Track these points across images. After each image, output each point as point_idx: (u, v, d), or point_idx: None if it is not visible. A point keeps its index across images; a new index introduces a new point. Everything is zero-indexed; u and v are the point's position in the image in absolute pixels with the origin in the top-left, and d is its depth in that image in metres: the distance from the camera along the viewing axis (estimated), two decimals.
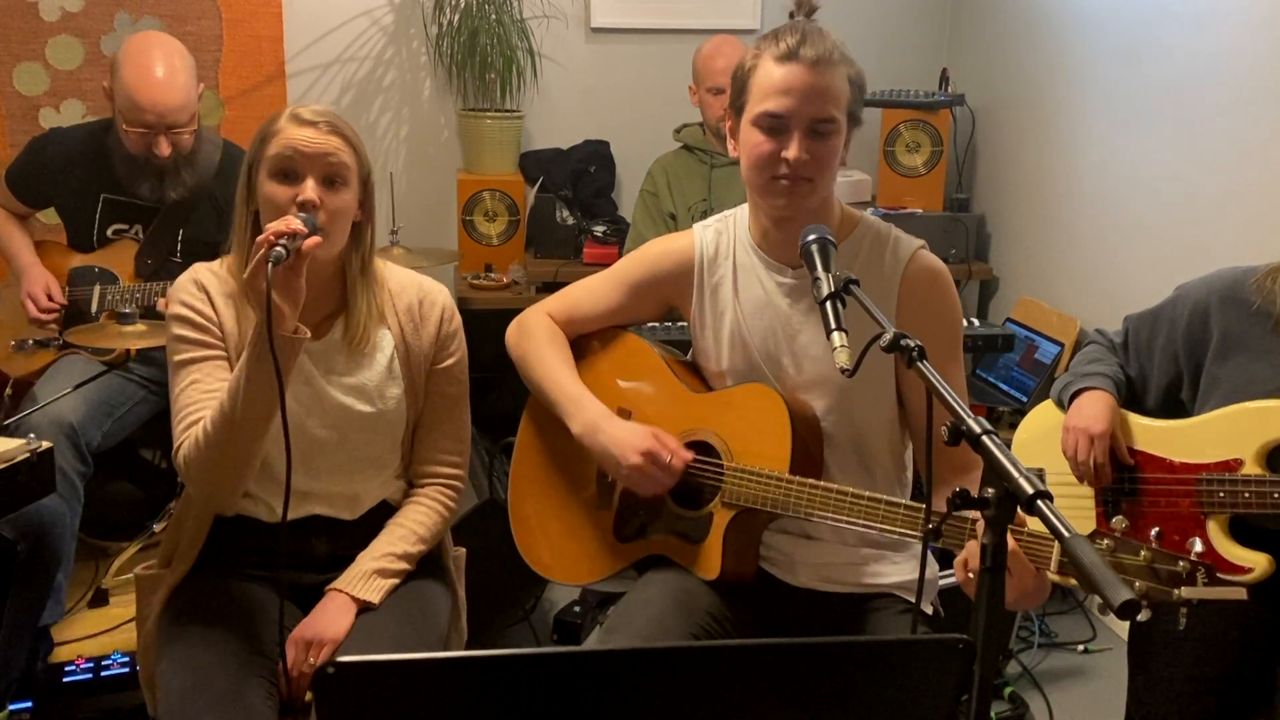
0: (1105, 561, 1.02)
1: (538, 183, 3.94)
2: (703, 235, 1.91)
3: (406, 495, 1.95)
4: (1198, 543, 1.42)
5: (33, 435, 1.99)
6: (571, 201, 3.91)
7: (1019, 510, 1.15)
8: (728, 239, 1.89)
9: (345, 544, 1.88)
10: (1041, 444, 2.22)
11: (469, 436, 1.99)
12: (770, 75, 1.72)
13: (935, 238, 3.61)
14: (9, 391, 2.85)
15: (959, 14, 4.24)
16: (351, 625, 1.76)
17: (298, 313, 1.64)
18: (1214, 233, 2.93)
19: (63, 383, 2.58)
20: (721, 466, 1.81)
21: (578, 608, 3.01)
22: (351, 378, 1.84)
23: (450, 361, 1.93)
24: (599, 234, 3.81)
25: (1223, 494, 1.99)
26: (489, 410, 3.60)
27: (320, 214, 1.70)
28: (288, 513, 1.68)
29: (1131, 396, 2.20)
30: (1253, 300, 2.01)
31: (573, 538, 1.97)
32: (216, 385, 1.74)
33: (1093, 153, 3.43)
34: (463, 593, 2.04)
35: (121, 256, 2.80)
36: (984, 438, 1.17)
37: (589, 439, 1.85)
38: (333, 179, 1.74)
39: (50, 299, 2.76)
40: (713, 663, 1.11)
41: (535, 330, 1.99)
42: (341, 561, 1.85)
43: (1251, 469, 1.98)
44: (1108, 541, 1.45)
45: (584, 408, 1.87)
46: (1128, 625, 2.37)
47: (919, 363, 1.34)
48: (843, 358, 1.43)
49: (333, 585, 1.81)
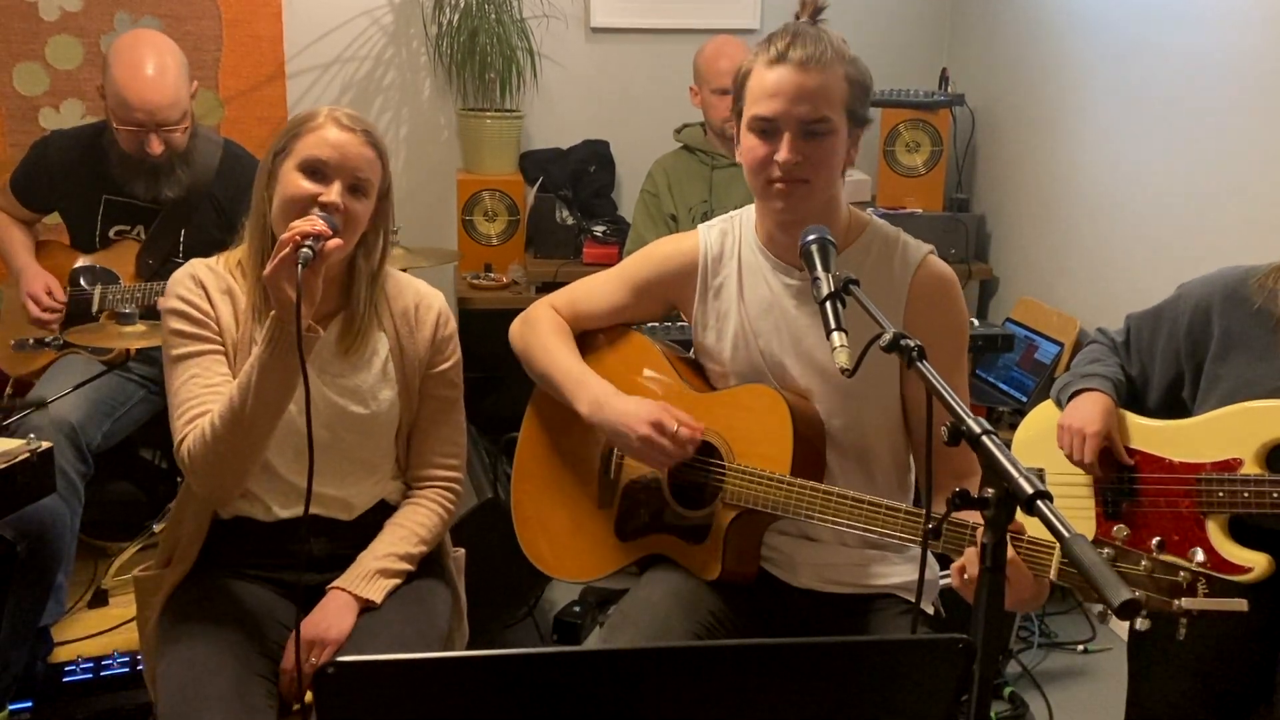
0: (1105, 562, 1.02)
1: (537, 183, 3.94)
2: (707, 236, 1.90)
3: (405, 496, 1.96)
4: (1199, 552, 1.41)
5: (33, 435, 1.99)
6: (571, 201, 3.91)
7: (1017, 516, 1.15)
8: (733, 239, 1.89)
9: (344, 544, 1.88)
10: (1041, 444, 2.22)
11: (465, 440, 2.00)
12: (762, 80, 1.71)
13: (935, 238, 3.58)
14: (9, 391, 2.85)
15: (959, 14, 4.24)
16: (354, 625, 1.77)
17: (313, 311, 1.66)
18: (1214, 232, 2.93)
19: (63, 383, 2.58)
20: (724, 466, 1.81)
21: (578, 607, 3.01)
22: (346, 379, 1.85)
23: (446, 366, 1.94)
24: (599, 234, 3.81)
25: (1222, 494, 1.99)
26: (489, 410, 3.60)
27: (339, 218, 1.72)
28: (289, 513, 1.69)
29: (1133, 396, 2.20)
30: (1254, 300, 2.01)
31: (574, 535, 1.97)
32: (216, 380, 1.75)
33: (1093, 153, 3.43)
34: (463, 592, 2.05)
35: (123, 257, 2.80)
36: (984, 438, 1.17)
37: (597, 416, 1.84)
38: (357, 188, 1.77)
39: (51, 297, 2.76)
40: (714, 662, 1.11)
41: (539, 322, 1.99)
42: (341, 561, 1.85)
43: (1251, 469, 1.98)
44: (1108, 550, 1.45)
45: (589, 386, 1.87)
46: (1127, 625, 2.37)
47: (919, 363, 1.34)
48: (842, 358, 1.43)
49: (335, 584, 1.81)
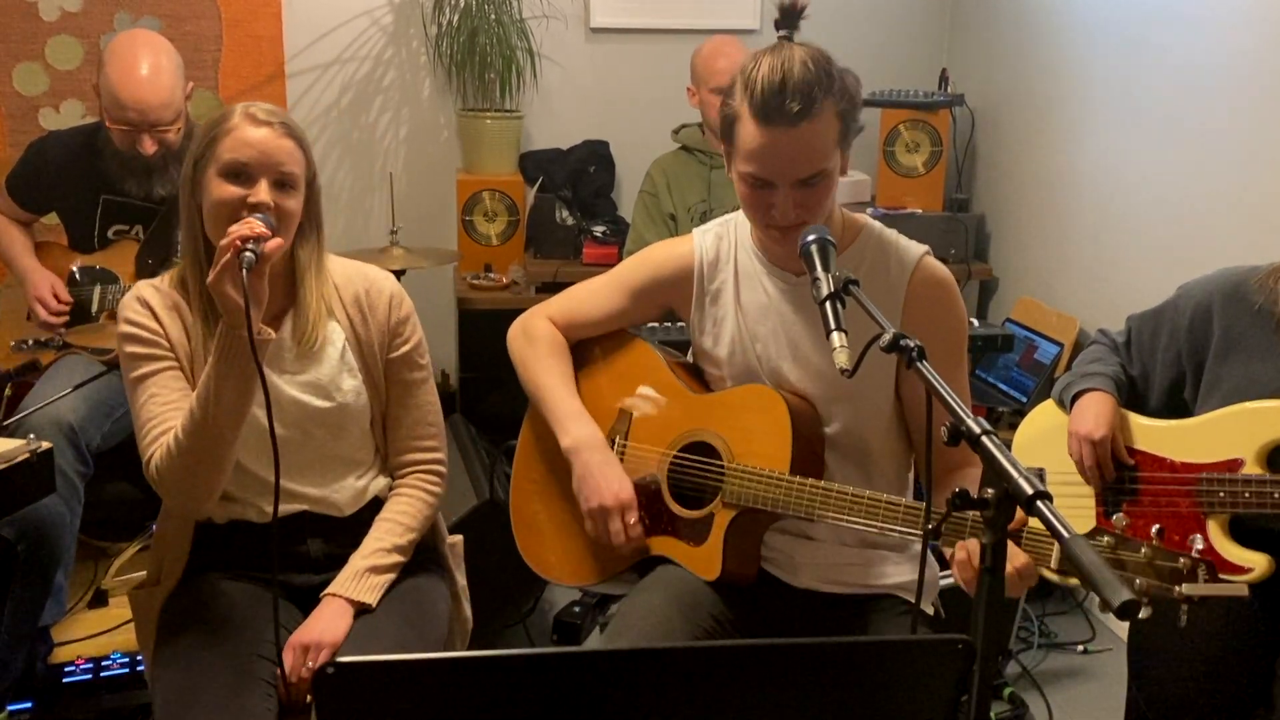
0: (1105, 561, 1.02)
1: (537, 183, 3.94)
2: (702, 241, 1.90)
3: (390, 489, 1.95)
4: (1199, 539, 1.42)
5: (33, 435, 1.99)
6: (571, 201, 3.91)
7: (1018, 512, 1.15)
8: (729, 244, 1.88)
9: (340, 542, 1.87)
10: (1042, 444, 2.22)
11: (441, 419, 1.99)
12: (751, 134, 1.66)
13: (935, 238, 3.62)
14: (9, 391, 2.85)
15: (959, 14, 4.24)
16: (349, 628, 1.76)
17: (261, 313, 1.65)
18: (1214, 232, 2.93)
19: (63, 383, 2.58)
20: (723, 466, 1.81)
21: (578, 608, 3.01)
22: (304, 374, 1.84)
23: (406, 348, 1.92)
24: (599, 234, 3.81)
25: (1223, 494, 1.98)
26: (489, 410, 3.61)
27: (273, 215, 1.70)
28: (280, 511, 1.68)
29: (1134, 397, 2.19)
30: (1255, 300, 2.00)
31: (573, 539, 1.97)
32: (175, 395, 1.75)
33: (1092, 152, 3.43)
34: (463, 579, 2.04)
35: (122, 257, 2.80)
36: (984, 438, 1.17)
37: (573, 456, 1.87)
38: (284, 182, 1.74)
39: (58, 299, 2.76)
40: (713, 663, 1.11)
41: (538, 338, 1.99)
42: (339, 561, 1.85)
43: (1252, 469, 1.97)
44: (1108, 539, 1.45)
45: (577, 426, 1.89)
46: (1127, 625, 2.37)
47: (918, 363, 1.33)
48: (842, 358, 1.42)
49: (327, 590, 1.81)
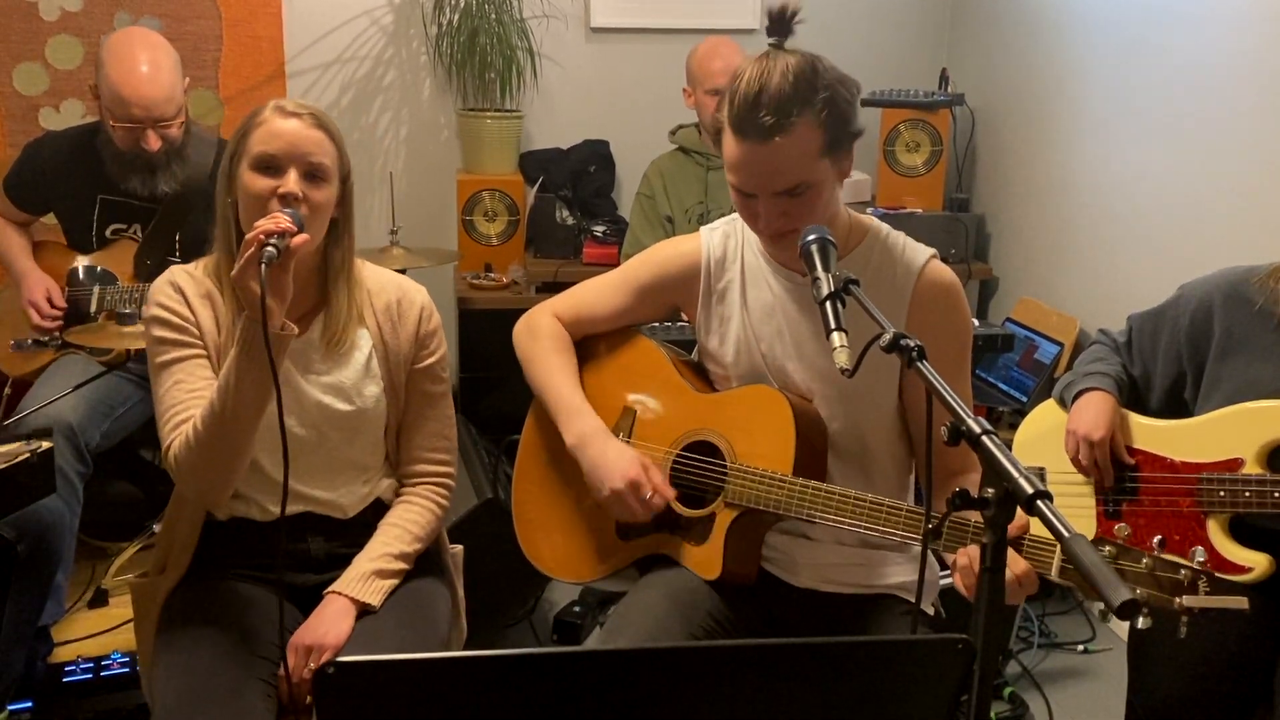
0: (1105, 563, 1.02)
1: (537, 183, 3.94)
2: (709, 239, 1.90)
3: (397, 494, 1.95)
4: (1200, 551, 1.41)
5: (32, 435, 1.99)
6: (571, 201, 3.91)
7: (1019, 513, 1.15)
8: (735, 242, 1.88)
9: (342, 542, 1.88)
10: (1042, 444, 2.22)
11: (455, 434, 1.99)
12: (730, 147, 1.67)
13: (935, 238, 3.61)
14: (8, 391, 2.85)
15: (959, 14, 4.24)
16: (352, 629, 1.76)
17: (285, 310, 1.64)
18: (1214, 232, 2.93)
19: (62, 383, 2.58)
20: (725, 466, 1.81)
21: (578, 608, 3.01)
22: (329, 376, 1.84)
23: (431, 360, 1.93)
24: (599, 234, 3.81)
25: (1223, 493, 1.99)
26: (489, 410, 3.61)
27: (302, 208, 1.70)
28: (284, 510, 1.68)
29: (1135, 397, 2.19)
30: (1255, 300, 2.01)
31: (575, 536, 1.97)
32: (200, 384, 1.74)
33: (1093, 152, 3.43)
34: (462, 590, 2.04)
35: (121, 257, 2.80)
36: (984, 438, 1.17)
37: (579, 451, 1.85)
38: (314, 174, 1.74)
39: (51, 304, 2.76)
40: (713, 663, 1.10)
41: (543, 334, 1.98)
42: (340, 561, 1.85)
43: (1252, 469, 1.98)
44: (1110, 548, 1.45)
45: (579, 420, 1.88)
46: (1127, 625, 2.36)
47: (919, 363, 1.33)
48: (842, 358, 1.42)
49: (331, 588, 1.80)
